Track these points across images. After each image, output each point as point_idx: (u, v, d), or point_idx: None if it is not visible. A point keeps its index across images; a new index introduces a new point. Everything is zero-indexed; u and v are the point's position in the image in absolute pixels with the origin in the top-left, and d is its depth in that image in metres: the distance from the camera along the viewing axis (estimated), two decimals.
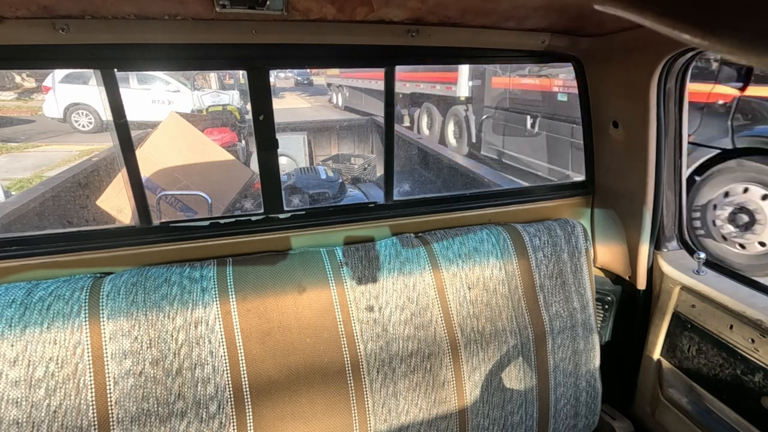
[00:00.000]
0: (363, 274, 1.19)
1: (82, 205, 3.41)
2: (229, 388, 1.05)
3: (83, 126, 9.82)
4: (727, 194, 3.22)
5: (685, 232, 1.43)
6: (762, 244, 3.08)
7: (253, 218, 1.25)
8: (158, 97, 9.46)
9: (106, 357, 0.98)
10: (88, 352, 0.97)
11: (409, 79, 8.91)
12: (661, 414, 1.41)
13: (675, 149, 1.33)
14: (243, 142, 5.68)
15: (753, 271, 3.10)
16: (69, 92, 9.45)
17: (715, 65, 3.28)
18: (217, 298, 1.07)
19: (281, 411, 1.08)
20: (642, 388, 1.49)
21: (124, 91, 1.05)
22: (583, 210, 1.60)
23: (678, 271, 1.34)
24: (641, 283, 1.44)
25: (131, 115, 1.13)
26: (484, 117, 6.80)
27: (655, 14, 0.24)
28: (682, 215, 1.41)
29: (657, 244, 1.41)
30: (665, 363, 1.39)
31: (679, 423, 1.33)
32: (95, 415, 0.96)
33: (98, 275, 1.10)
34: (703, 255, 1.29)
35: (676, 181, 1.37)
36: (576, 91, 1.46)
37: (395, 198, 1.38)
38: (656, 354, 1.41)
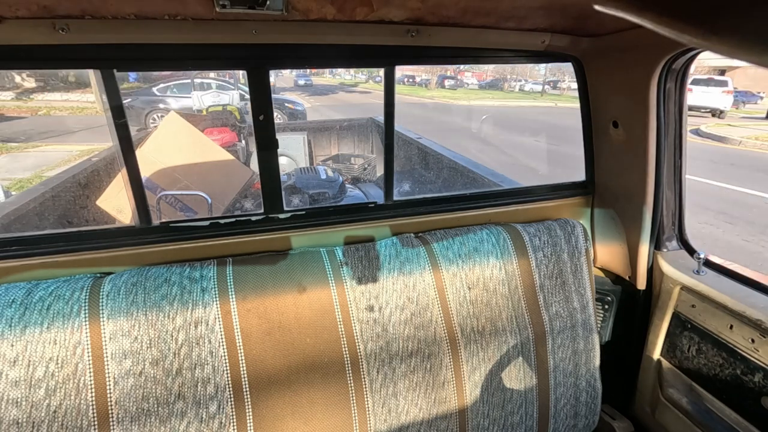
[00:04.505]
0: (363, 274, 1.19)
1: (82, 205, 3.41)
2: (229, 388, 1.05)
3: None
4: None
5: (685, 232, 1.43)
6: None
7: (253, 218, 1.25)
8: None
9: (106, 357, 0.98)
10: (88, 352, 0.97)
11: None
12: (661, 414, 1.41)
13: (675, 149, 1.33)
14: (243, 142, 5.67)
15: None
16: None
17: None
18: (217, 298, 1.07)
19: (281, 411, 1.08)
20: (642, 388, 1.49)
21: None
22: (583, 210, 1.60)
23: (678, 271, 1.34)
24: (641, 283, 1.44)
25: None
26: None
27: (654, 14, 0.24)
28: (682, 215, 1.41)
29: (657, 244, 1.41)
30: (665, 363, 1.39)
31: (678, 423, 1.33)
32: (95, 415, 0.96)
33: (98, 275, 1.10)
34: (703, 255, 1.29)
35: (676, 181, 1.37)
36: None
37: (395, 198, 1.38)
38: (656, 354, 1.41)
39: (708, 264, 1.32)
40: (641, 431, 1.51)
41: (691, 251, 1.40)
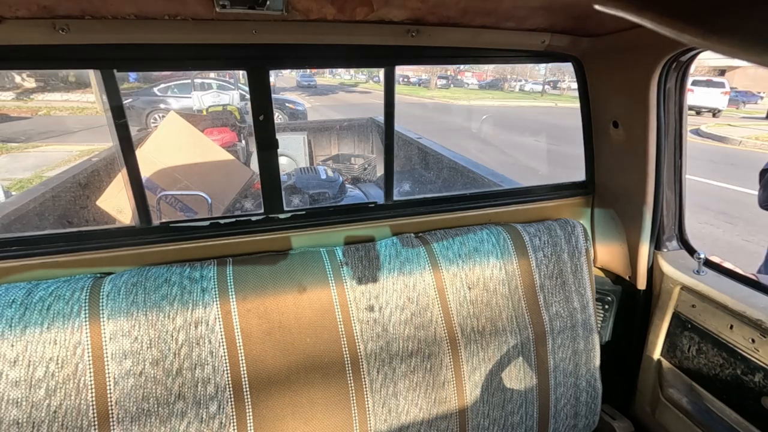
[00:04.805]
0: (363, 274, 1.19)
1: (82, 205, 3.41)
2: (229, 388, 1.05)
3: None
4: None
5: (686, 232, 1.43)
6: None
7: (253, 218, 1.25)
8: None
9: (106, 357, 0.98)
10: (88, 353, 0.97)
11: None
12: (661, 414, 1.41)
13: (675, 149, 1.33)
14: (243, 142, 5.67)
15: None
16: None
17: None
18: (217, 298, 1.07)
19: (281, 411, 1.08)
20: (642, 388, 1.49)
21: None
22: (583, 210, 1.60)
23: (678, 271, 1.34)
24: (641, 283, 1.44)
25: None
26: None
27: (654, 14, 0.24)
28: (682, 215, 1.41)
29: (657, 244, 1.41)
30: (665, 363, 1.39)
31: (679, 423, 1.33)
32: (95, 415, 0.96)
33: (98, 275, 1.10)
34: (703, 255, 1.29)
35: (676, 181, 1.37)
36: None
37: (395, 198, 1.38)
38: (656, 354, 1.41)
39: (708, 264, 1.32)
40: (641, 431, 1.51)
41: (692, 251, 1.40)
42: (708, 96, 16.10)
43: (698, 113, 16.54)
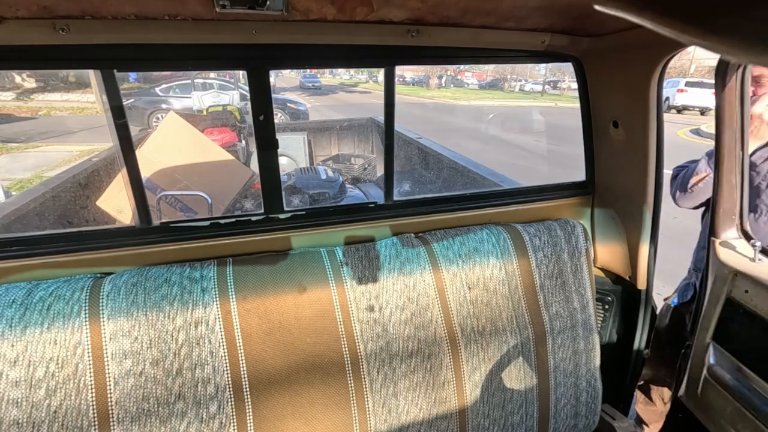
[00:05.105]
0: (363, 274, 1.19)
1: (83, 205, 3.41)
2: (229, 388, 1.05)
3: None
4: None
5: (745, 221, 1.42)
6: None
7: (254, 218, 1.25)
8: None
9: (107, 357, 0.98)
10: (88, 353, 0.97)
11: None
12: (705, 393, 1.40)
13: (736, 142, 1.31)
14: (243, 142, 5.67)
15: None
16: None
17: None
18: (217, 298, 1.07)
19: (281, 411, 1.08)
20: (692, 370, 1.47)
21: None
22: (583, 210, 1.60)
23: (734, 257, 1.33)
24: (641, 283, 1.44)
25: None
26: None
27: (654, 14, 0.24)
28: (743, 204, 1.40)
29: (715, 231, 1.40)
30: (715, 345, 1.39)
31: (722, 401, 1.32)
32: (95, 415, 0.96)
33: (98, 275, 1.10)
34: (759, 243, 1.29)
35: (738, 172, 1.35)
36: None
37: (395, 198, 1.38)
38: (708, 336, 1.41)
39: (764, 252, 1.32)
40: (684, 412, 1.50)
41: (749, 239, 1.40)
42: (700, 96, 16.92)
43: (679, 111, 17.21)
